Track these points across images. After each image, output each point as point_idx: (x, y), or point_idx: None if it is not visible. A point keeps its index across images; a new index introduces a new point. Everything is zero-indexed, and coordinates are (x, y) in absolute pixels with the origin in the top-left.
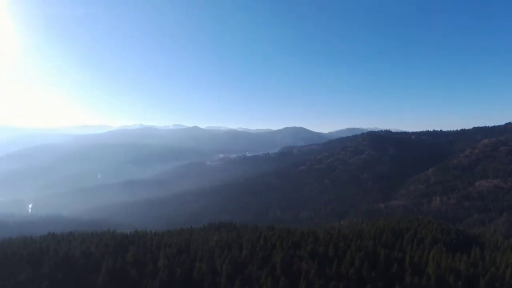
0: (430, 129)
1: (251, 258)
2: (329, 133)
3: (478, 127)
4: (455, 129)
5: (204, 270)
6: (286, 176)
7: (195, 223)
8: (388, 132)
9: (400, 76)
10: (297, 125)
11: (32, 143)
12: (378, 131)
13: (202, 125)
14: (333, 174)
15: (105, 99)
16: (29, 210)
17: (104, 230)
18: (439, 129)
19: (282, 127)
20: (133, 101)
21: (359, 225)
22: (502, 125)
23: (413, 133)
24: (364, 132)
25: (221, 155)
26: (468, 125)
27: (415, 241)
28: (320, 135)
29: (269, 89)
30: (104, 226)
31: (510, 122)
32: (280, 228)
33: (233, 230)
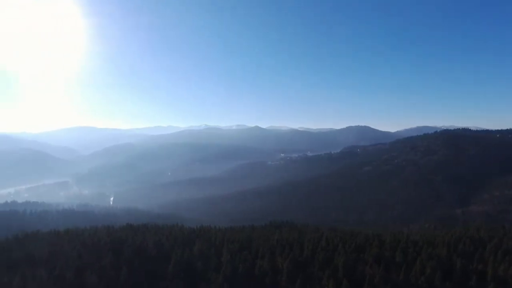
0: None
1: (312, 258)
2: (397, 132)
3: None
4: None
5: (265, 268)
6: (349, 176)
7: (256, 221)
8: (466, 131)
9: (479, 67)
10: (362, 124)
11: (113, 142)
12: (454, 130)
13: (264, 125)
14: (401, 175)
15: (173, 101)
16: (111, 203)
17: (173, 224)
18: None
19: (345, 126)
20: (199, 103)
21: (431, 231)
22: None
23: (497, 131)
24: (438, 130)
25: (282, 154)
26: None
27: (499, 252)
28: (386, 134)
29: (331, 87)
30: (173, 220)
31: None
32: (343, 229)
33: (294, 229)
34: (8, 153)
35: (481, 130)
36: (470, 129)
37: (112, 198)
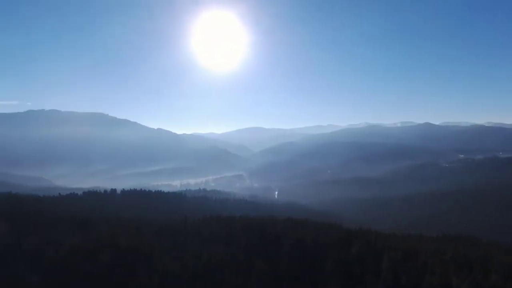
0: None
1: (503, 286)
2: None
3: None
4: None
5: (436, 286)
6: None
7: (424, 230)
8: None
9: None
10: None
11: (278, 141)
12: None
13: (436, 121)
14: None
15: (333, 101)
16: (275, 196)
17: (331, 222)
18: None
19: None
20: (359, 101)
21: None
22: None
23: None
24: None
25: (461, 155)
26: None
27: None
28: None
29: None
30: (331, 217)
31: None
32: None
33: (476, 246)
34: (202, 150)
35: None
36: None
37: (276, 192)
